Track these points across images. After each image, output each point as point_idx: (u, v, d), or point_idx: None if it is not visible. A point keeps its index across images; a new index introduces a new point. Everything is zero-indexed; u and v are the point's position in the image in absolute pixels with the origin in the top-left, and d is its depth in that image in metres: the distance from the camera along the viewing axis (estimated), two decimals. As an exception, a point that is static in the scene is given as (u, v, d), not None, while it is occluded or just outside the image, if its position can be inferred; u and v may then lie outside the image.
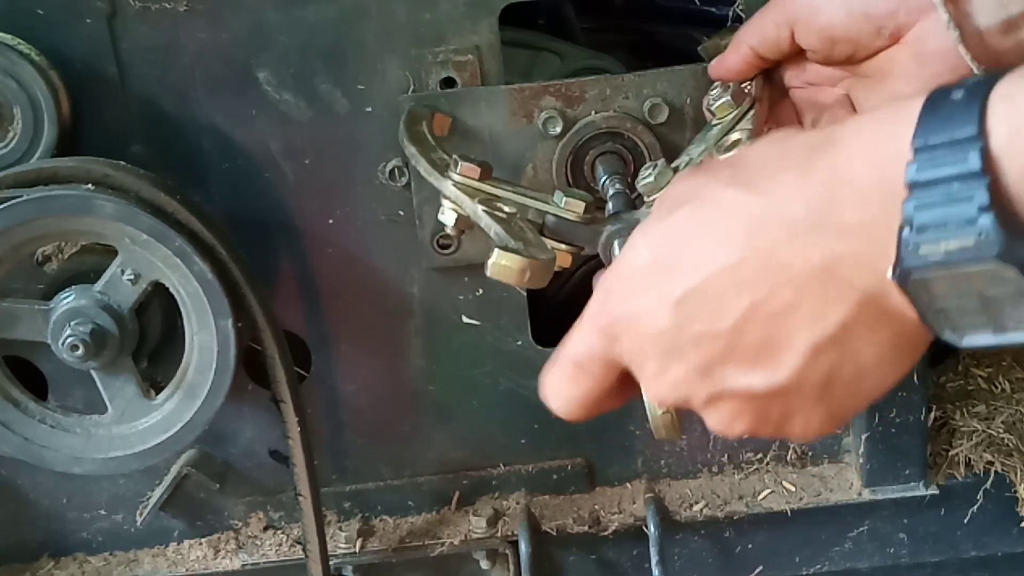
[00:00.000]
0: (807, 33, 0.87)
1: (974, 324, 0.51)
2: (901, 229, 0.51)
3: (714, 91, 0.94)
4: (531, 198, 0.87)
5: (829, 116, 0.91)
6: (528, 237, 0.79)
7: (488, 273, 0.75)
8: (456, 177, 0.88)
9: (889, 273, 0.51)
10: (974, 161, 0.49)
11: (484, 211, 0.84)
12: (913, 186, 0.50)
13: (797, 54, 0.90)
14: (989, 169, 0.49)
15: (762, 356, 0.57)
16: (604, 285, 0.64)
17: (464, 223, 0.90)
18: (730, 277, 0.56)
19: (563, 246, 0.85)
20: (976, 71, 0.78)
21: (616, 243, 0.83)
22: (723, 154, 0.87)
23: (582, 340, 0.65)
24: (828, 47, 0.86)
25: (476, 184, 0.88)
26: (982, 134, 0.49)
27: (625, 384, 0.65)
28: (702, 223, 0.58)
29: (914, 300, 0.52)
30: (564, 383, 0.66)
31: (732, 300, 0.56)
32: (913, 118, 0.52)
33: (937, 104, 0.52)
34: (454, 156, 0.89)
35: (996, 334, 0.51)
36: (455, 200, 0.89)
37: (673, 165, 0.90)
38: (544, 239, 0.84)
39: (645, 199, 0.88)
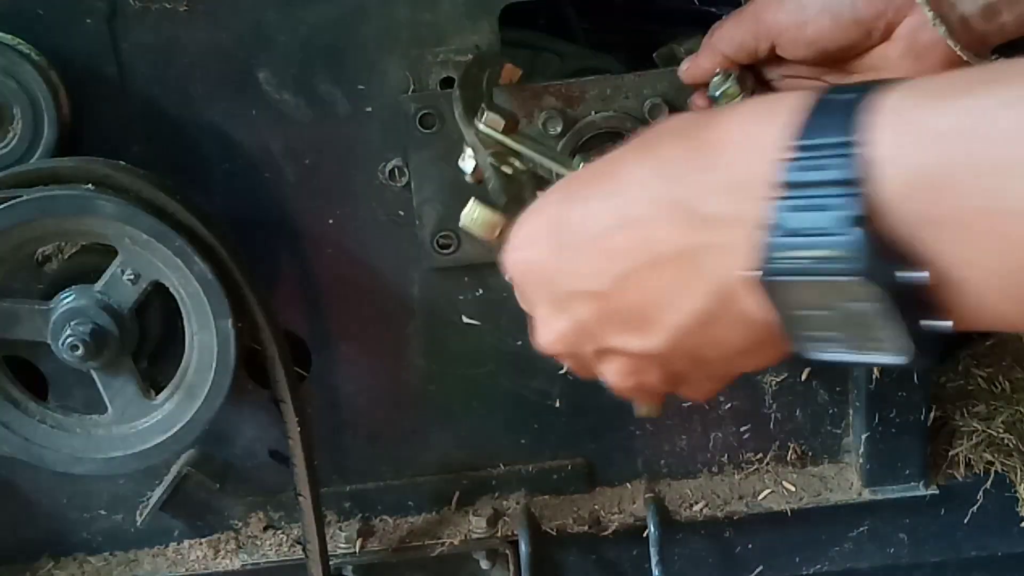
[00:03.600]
0: (793, 46, 0.86)
1: (829, 337, 0.49)
2: (766, 229, 0.48)
3: (716, 78, 0.94)
4: (551, 159, 0.86)
5: None
6: (524, 197, 0.78)
7: (460, 223, 0.75)
8: (480, 126, 0.88)
9: (745, 272, 0.49)
10: (852, 168, 0.45)
11: (492, 164, 0.84)
12: (786, 186, 0.48)
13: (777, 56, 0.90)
14: (866, 179, 0.45)
15: (637, 323, 0.56)
16: (514, 230, 0.65)
17: (480, 173, 0.90)
18: (606, 243, 0.56)
19: None
20: (967, 60, 0.78)
21: None
22: None
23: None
24: (816, 55, 0.86)
25: (497, 136, 0.87)
26: (864, 142, 0.46)
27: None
28: (597, 184, 0.59)
29: (774, 303, 0.49)
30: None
31: (606, 265, 0.56)
32: (799, 116, 0.49)
33: (827, 106, 0.49)
34: (483, 105, 0.89)
35: (850, 352, 0.48)
36: (473, 148, 0.89)
37: None
38: None
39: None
